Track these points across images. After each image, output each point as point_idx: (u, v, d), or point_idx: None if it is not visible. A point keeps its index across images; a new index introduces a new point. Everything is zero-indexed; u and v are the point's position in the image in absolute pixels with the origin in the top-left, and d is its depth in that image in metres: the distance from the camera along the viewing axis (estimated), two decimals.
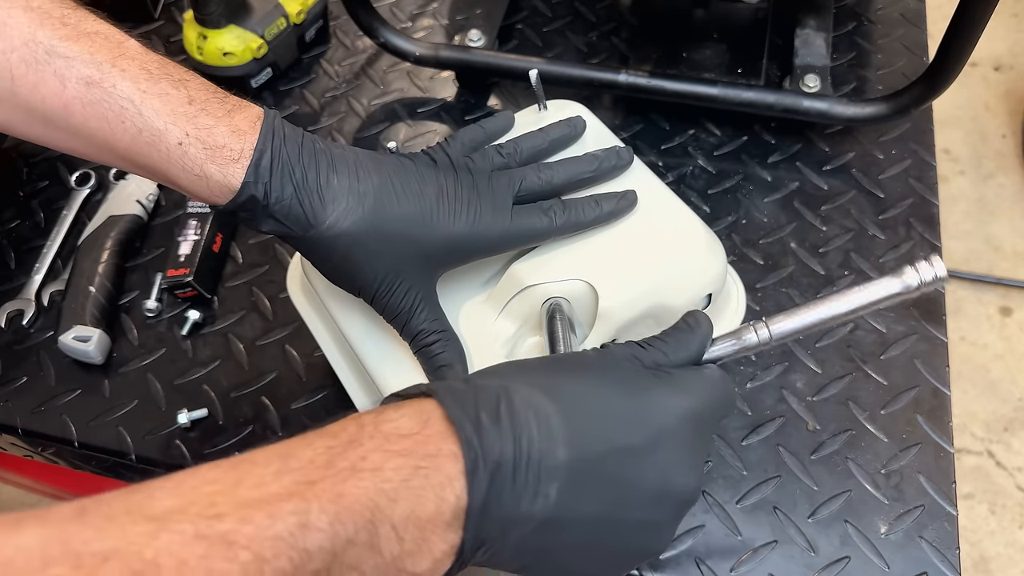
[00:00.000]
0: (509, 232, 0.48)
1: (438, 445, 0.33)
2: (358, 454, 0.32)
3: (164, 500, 0.28)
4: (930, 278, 0.40)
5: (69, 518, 0.27)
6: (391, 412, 0.35)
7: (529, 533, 0.35)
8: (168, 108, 0.42)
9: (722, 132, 0.78)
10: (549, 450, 0.34)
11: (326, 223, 0.44)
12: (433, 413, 0.35)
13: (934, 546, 0.56)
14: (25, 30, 0.41)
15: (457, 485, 0.33)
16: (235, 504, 0.29)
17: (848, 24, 0.85)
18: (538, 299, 0.50)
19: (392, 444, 0.33)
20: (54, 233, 0.74)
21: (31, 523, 0.26)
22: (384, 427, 0.34)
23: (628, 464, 0.36)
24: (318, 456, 0.32)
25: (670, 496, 0.38)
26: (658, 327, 0.53)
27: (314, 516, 0.29)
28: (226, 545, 0.27)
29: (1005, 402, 1.62)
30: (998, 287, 1.75)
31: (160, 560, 0.26)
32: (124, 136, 0.42)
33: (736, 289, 0.58)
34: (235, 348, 0.67)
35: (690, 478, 0.38)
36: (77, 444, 0.63)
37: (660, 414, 0.38)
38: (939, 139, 0.77)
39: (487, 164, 0.50)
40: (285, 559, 0.28)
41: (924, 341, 0.65)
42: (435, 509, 0.32)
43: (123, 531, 0.27)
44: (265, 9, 0.80)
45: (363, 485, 0.31)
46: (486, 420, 0.34)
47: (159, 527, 0.27)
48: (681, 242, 0.52)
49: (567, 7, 0.88)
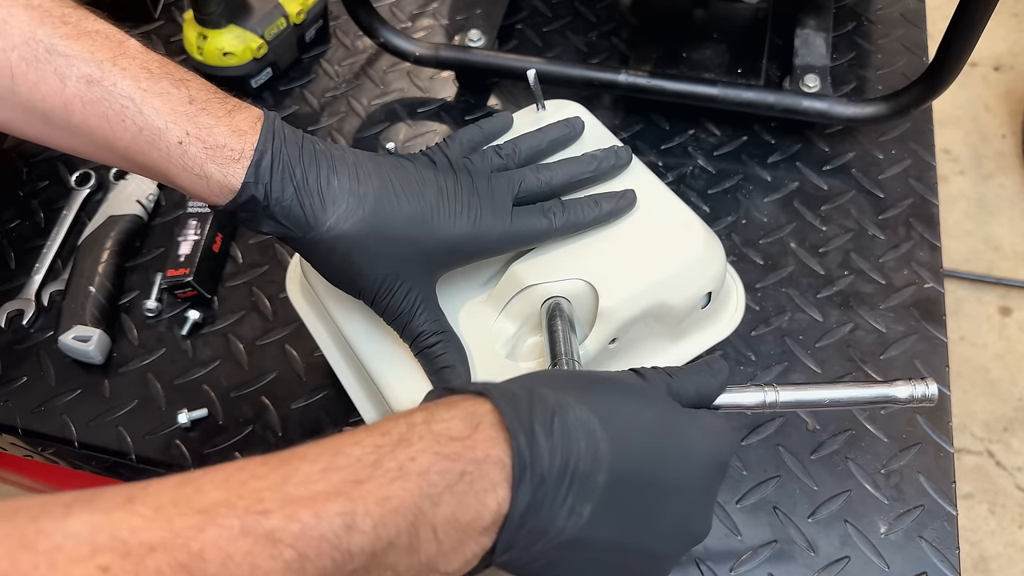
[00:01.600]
0: (509, 233, 0.48)
1: (487, 450, 0.33)
2: (407, 454, 0.32)
3: (212, 493, 0.28)
4: (920, 395, 0.45)
5: (118, 505, 0.27)
6: (443, 411, 0.35)
7: (555, 546, 0.35)
8: (169, 107, 0.42)
9: (722, 132, 0.78)
10: (592, 472, 0.35)
11: (326, 225, 0.44)
12: (486, 417, 0.34)
13: (934, 546, 0.56)
14: (25, 28, 0.41)
15: (500, 492, 0.33)
16: (282, 501, 0.29)
17: (848, 24, 0.85)
18: (538, 299, 0.50)
19: (442, 446, 0.33)
20: (54, 233, 0.74)
21: (80, 509, 0.26)
22: (435, 427, 0.34)
23: (659, 499, 0.37)
24: (367, 455, 0.32)
25: (686, 535, 0.39)
26: (658, 325, 0.53)
27: (359, 518, 0.30)
28: (271, 543, 0.28)
29: (1005, 402, 1.62)
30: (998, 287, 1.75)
31: (206, 553, 0.26)
32: (124, 135, 0.42)
33: (735, 288, 0.58)
34: (235, 348, 0.67)
35: (705, 521, 0.40)
36: (77, 444, 0.63)
37: (696, 457, 0.38)
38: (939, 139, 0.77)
39: (486, 165, 0.50)
40: (328, 559, 0.28)
41: (924, 341, 0.65)
42: (475, 514, 0.33)
43: (171, 522, 0.27)
44: (265, 9, 0.80)
45: (409, 488, 0.31)
46: (540, 433, 0.34)
47: (206, 520, 0.27)
48: (680, 241, 0.52)
49: (567, 7, 0.88)
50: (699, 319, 0.55)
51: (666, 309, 0.51)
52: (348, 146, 0.48)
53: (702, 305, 0.54)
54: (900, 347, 0.65)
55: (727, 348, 0.64)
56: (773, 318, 0.66)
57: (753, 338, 0.65)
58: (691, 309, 0.53)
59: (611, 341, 0.51)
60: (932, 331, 0.65)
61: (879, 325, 0.66)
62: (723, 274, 0.54)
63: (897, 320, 0.66)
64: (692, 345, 0.56)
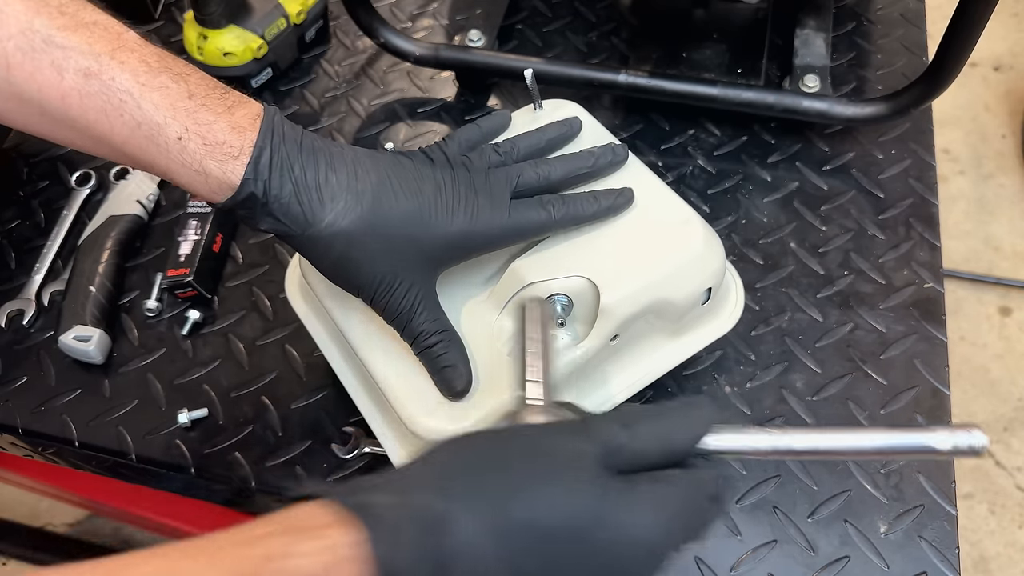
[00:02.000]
0: (508, 226, 0.48)
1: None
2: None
3: None
4: (966, 447, 0.35)
5: None
6: (300, 545, 0.30)
7: None
8: (168, 102, 0.42)
9: (722, 132, 0.78)
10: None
11: (324, 221, 0.44)
12: (351, 551, 0.30)
13: (934, 546, 0.56)
14: (22, 18, 0.41)
15: None
16: None
17: (848, 24, 0.85)
18: (541, 296, 0.50)
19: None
20: (54, 233, 0.74)
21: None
22: (287, 565, 0.29)
23: None
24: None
25: None
26: (659, 322, 0.53)
27: None
28: None
29: (1005, 402, 1.62)
30: (998, 287, 1.75)
31: None
32: (122, 129, 0.42)
33: (735, 285, 0.59)
34: (235, 348, 0.67)
35: None
36: (77, 444, 0.63)
37: (626, 555, 0.33)
38: (939, 139, 0.77)
39: (484, 162, 0.50)
40: None
41: (924, 341, 0.65)
42: None
43: None
44: (265, 9, 0.80)
45: None
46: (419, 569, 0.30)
47: None
48: (680, 237, 0.52)
49: (567, 7, 0.88)
50: (699, 315, 0.55)
51: (667, 305, 0.51)
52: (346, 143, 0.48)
53: (702, 301, 0.54)
54: (900, 347, 0.65)
55: (727, 348, 0.64)
56: (773, 318, 0.66)
57: (753, 338, 0.65)
58: (691, 305, 0.53)
59: (612, 338, 0.51)
60: (932, 331, 0.65)
61: (879, 325, 0.66)
62: (723, 270, 0.54)
63: (897, 320, 0.66)
64: (692, 341, 0.56)
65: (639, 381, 0.55)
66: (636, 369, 0.55)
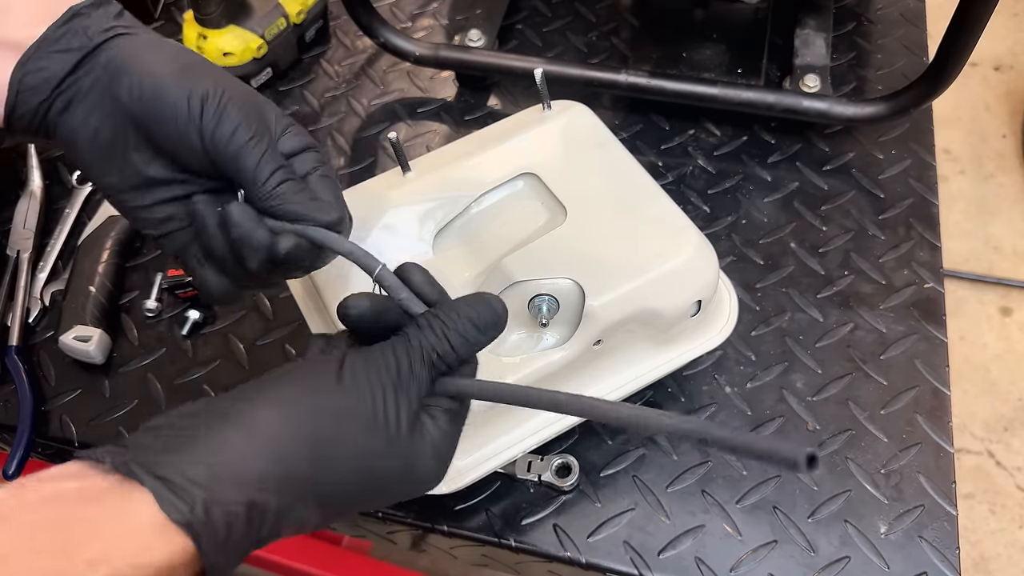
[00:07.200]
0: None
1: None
2: None
3: None
4: None
5: None
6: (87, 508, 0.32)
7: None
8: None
9: (722, 132, 0.78)
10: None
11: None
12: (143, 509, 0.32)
13: (934, 546, 0.56)
14: None
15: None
16: None
17: (848, 24, 0.85)
18: (527, 295, 0.50)
19: None
20: (55, 233, 0.74)
21: None
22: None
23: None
24: None
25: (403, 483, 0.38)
26: (645, 331, 0.53)
27: None
28: None
29: (1005, 402, 1.61)
30: (998, 287, 1.74)
31: None
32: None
33: (728, 299, 0.58)
34: (235, 348, 0.67)
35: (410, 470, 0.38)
36: (77, 444, 0.63)
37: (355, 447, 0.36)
38: (939, 139, 0.77)
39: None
40: None
41: (924, 341, 0.65)
42: None
43: None
44: (265, 9, 0.80)
45: None
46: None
47: None
48: (671, 245, 0.52)
49: (567, 7, 0.88)
50: (688, 328, 0.55)
51: (653, 315, 0.51)
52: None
53: (691, 313, 0.53)
54: (900, 347, 0.65)
55: (727, 349, 0.64)
56: (773, 318, 0.66)
57: (753, 338, 0.65)
58: (679, 317, 0.53)
59: (596, 342, 0.51)
60: (932, 331, 0.65)
61: (879, 325, 0.66)
62: (714, 283, 0.53)
63: (897, 320, 0.66)
64: (680, 353, 0.56)
65: (621, 388, 0.54)
66: (619, 377, 0.54)
